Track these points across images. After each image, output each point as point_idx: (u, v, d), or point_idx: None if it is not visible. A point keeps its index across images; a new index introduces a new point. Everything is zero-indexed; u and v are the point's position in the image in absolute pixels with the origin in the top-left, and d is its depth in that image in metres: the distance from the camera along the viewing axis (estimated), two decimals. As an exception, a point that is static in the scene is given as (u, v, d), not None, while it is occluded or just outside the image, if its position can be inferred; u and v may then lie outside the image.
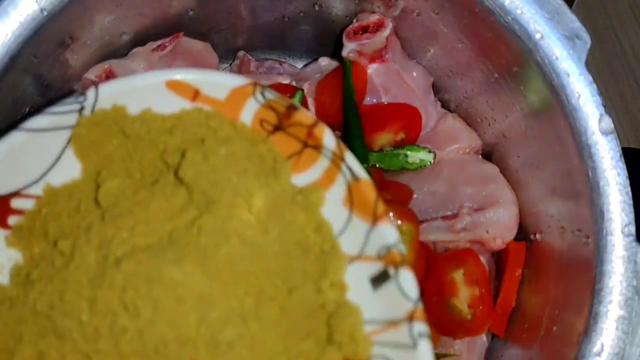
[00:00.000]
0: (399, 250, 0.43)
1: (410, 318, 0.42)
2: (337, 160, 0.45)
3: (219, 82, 0.46)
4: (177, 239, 0.42)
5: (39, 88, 0.56)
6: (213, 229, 0.42)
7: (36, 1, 0.50)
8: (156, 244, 0.42)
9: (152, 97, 0.46)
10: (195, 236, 0.42)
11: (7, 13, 0.50)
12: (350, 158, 0.45)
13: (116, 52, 0.61)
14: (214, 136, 0.46)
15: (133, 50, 0.62)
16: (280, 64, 0.71)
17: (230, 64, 0.72)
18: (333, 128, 0.63)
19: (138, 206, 0.43)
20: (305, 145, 0.45)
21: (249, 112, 0.46)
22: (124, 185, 0.45)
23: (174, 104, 0.46)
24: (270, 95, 0.46)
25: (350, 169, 0.44)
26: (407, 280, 0.42)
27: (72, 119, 0.45)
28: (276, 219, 0.44)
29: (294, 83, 0.65)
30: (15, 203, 0.45)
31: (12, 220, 0.45)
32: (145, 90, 0.46)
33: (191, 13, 0.63)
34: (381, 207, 0.44)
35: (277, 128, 0.46)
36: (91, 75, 0.59)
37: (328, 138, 0.45)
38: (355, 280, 0.44)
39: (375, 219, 0.43)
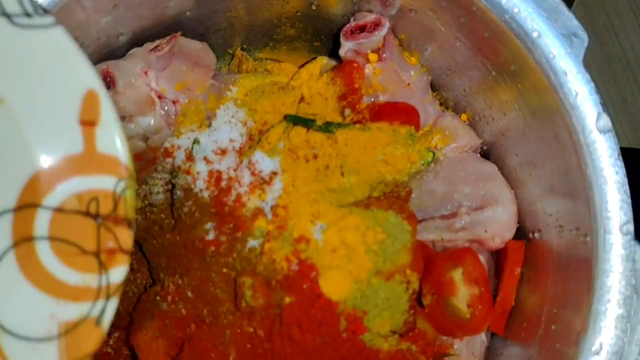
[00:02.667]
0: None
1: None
2: None
3: None
4: None
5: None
6: None
7: (33, 2, 0.50)
8: None
9: None
10: None
11: (4, 14, 0.50)
12: None
13: (113, 53, 0.61)
14: None
15: (131, 51, 0.62)
16: (279, 64, 0.71)
17: (229, 64, 0.72)
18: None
19: None
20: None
21: None
22: None
23: None
24: None
25: None
26: None
27: None
28: None
29: (292, 82, 0.65)
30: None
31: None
32: None
33: (189, 14, 0.63)
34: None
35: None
36: (89, 76, 0.59)
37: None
38: None
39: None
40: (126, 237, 0.41)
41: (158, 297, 0.56)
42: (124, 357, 0.60)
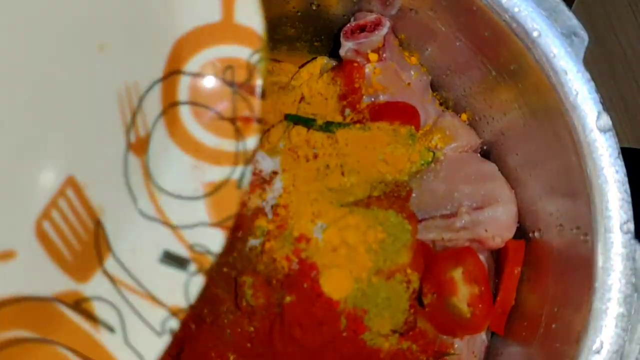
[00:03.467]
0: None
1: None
2: None
3: None
4: None
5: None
6: None
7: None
8: None
9: None
10: None
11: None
12: None
13: (114, 53, 0.61)
14: None
15: (131, 51, 0.61)
16: (279, 64, 0.71)
17: (229, 64, 0.72)
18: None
19: None
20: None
21: None
22: None
23: None
24: None
25: None
26: None
27: None
28: None
29: (292, 82, 0.65)
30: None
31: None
32: None
33: (189, 13, 0.63)
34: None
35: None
36: (89, 75, 0.59)
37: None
38: None
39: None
40: (259, 107, 0.43)
41: (158, 297, 0.56)
42: (125, 357, 0.60)
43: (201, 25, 0.43)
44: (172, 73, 0.43)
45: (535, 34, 0.52)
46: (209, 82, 0.43)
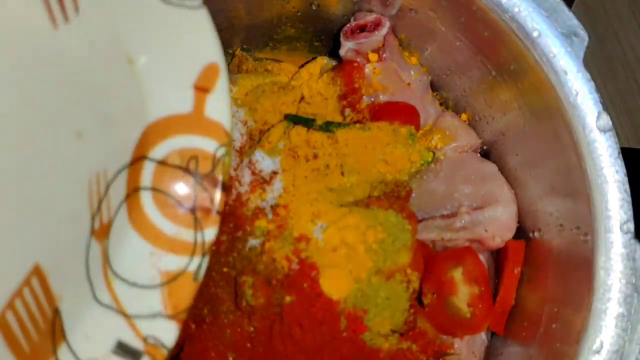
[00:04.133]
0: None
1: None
2: None
3: None
4: None
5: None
6: None
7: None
8: None
9: None
10: None
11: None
12: None
13: (114, 53, 0.61)
14: None
15: (131, 51, 0.61)
16: (279, 64, 0.71)
17: (229, 64, 0.72)
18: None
19: None
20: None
21: None
22: None
23: None
24: None
25: None
26: None
27: None
28: None
29: (292, 82, 0.65)
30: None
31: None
32: None
33: (189, 13, 0.63)
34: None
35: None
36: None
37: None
38: None
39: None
40: (220, 200, 0.44)
41: (158, 297, 0.56)
42: (125, 357, 0.60)
43: (172, 114, 0.44)
44: (138, 159, 0.43)
45: (535, 34, 0.52)
46: (173, 170, 0.43)
